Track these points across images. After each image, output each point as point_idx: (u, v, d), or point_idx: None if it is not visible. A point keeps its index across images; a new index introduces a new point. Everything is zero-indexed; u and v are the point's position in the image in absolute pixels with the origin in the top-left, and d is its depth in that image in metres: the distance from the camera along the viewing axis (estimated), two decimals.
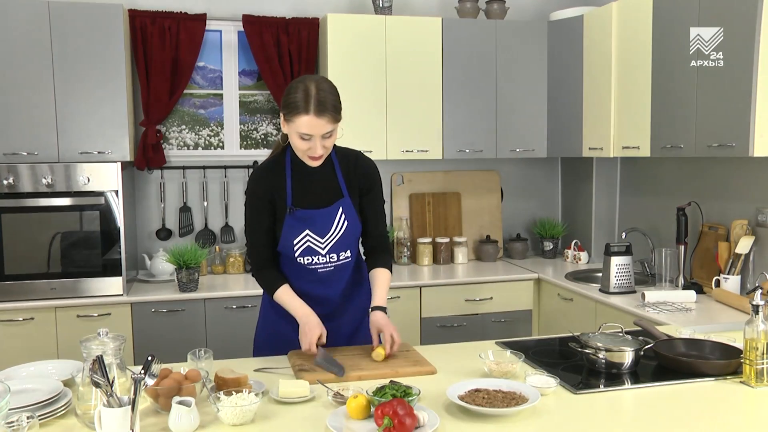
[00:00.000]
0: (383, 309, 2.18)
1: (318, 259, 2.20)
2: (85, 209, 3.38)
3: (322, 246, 2.19)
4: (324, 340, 2.12)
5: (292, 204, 2.17)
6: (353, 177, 2.23)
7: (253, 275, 2.29)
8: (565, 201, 4.58)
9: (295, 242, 2.17)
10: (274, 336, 2.30)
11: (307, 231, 2.17)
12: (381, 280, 2.25)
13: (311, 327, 2.10)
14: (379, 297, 2.21)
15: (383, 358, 2.08)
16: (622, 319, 2.90)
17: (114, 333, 1.76)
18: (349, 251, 2.24)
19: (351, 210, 2.21)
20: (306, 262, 2.20)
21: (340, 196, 2.21)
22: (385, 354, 2.09)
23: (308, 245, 2.18)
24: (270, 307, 2.33)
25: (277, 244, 2.21)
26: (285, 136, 2.17)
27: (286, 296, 2.19)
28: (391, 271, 2.31)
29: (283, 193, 2.18)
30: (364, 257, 2.36)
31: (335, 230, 2.19)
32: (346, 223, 2.20)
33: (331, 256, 2.20)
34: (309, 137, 2.03)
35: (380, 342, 2.14)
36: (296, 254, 2.18)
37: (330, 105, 2.01)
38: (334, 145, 2.20)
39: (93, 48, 3.42)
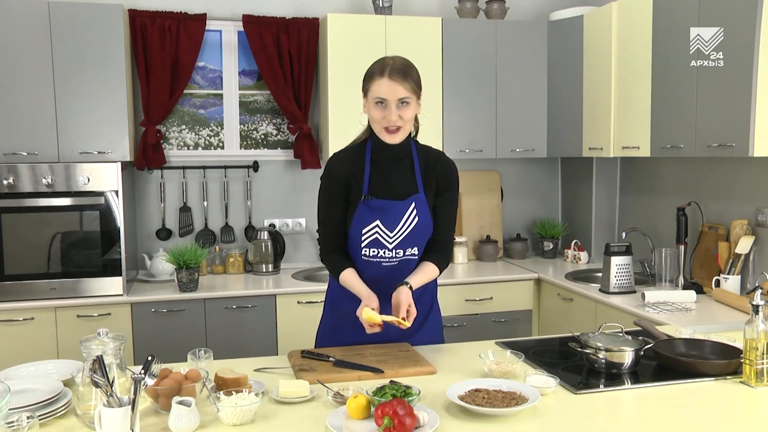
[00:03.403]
0: (409, 286, 2.11)
1: (384, 253, 2.16)
2: (85, 209, 3.38)
3: (391, 240, 2.15)
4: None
5: (368, 192, 2.14)
6: (431, 175, 2.21)
7: (321, 259, 2.26)
8: (565, 201, 4.58)
9: (364, 232, 2.14)
10: (333, 339, 2.29)
11: (377, 222, 2.14)
12: (425, 268, 2.20)
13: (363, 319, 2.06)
14: (413, 277, 2.15)
15: (374, 322, 2.03)
16: (622, 319, 2.90)
17: (114, 333, 1.76)
18: (416, 248, 2.20)
19: (424, 207, 2.18)
20: (371, 254, 2.16)
21: (415, 191, 2.18)
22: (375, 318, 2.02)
23: (376, 237, 2.15)
24: (330, 310, 2.33)
25: (346, 232, 2.18)
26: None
27: (350, 279, 2.17)
28: (441, 272, 2.26)
29: (361, 179, 2.16)
30: None
31: (405, 225, 2.15)
32: (417, 219, 2.16)
33: (397, 251, 2.17)
34: (383, 103, 2.04)
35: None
36: (363, 245, 2.15)
37: (405, 72, 2.05)
38: (418, 142, 2.22)
39: (93, 48, 3.42)
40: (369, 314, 2.03)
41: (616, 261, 3.32)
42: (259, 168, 4.12)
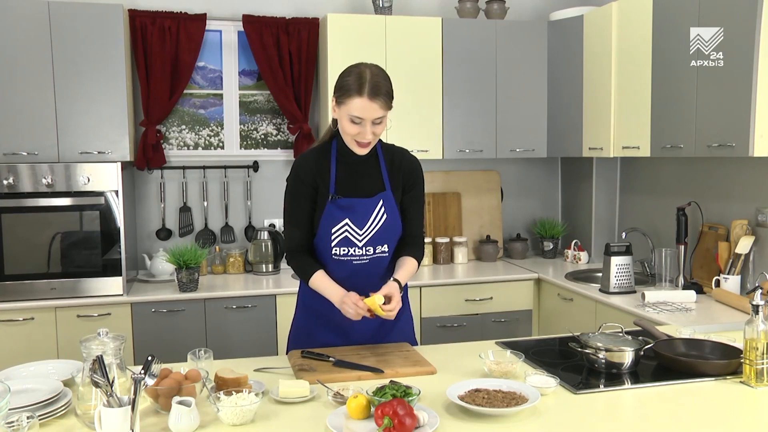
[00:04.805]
0: (398, 282, 2.14)
1: (354, 251, 2.17)
2: (85, 209, 3.38)
3: (360, 238, 2.17)
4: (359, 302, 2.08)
5: (335, 192, 2.16)
6: (396, 172, 2.23)
7: (287, 262, 2.26)
8: (565, 201, 4.58)
9: (333, 231, 2.15)
10: (307, 341, 2.28)
11: (346, 220, 2.15)
12: (406, 263, 2.22)
13: (349, 304, 2.07)
14: (399, 273, 2.18)
15: (372, 308, 2.03)
16: (622, 319, 2.90)
17: (114, 333, 1.76)
18: (386, 246, 2.21)
19: (392, 204, 2.20)
20: (342, 253, 2.17)
21: (382, 188, 2.20)
22: (378, 308, 2.03)
23: (346, 236, 2.16)
24: (303, 311, 2.32)
25: (314, 233, 2.19)
26: (335, 122, 2.16)
27: (321, 282, 2.17)
28: (419, 265, 2.27)
29: (327, 180, 2.17)
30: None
31: (374, 222, 2.17)
32: (385, 216, 2.18)
33: (367, 249, 2.18)
34: (360, 121, 2.04)
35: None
36: (333, 244, 2.16)
37: (384, 90, 2.05)
38: (381, 140, 2.22)
39: (93, 48, 3.42)
40: (374, 302, 2.02)
41: (616, 261, 3.32)
42: (259, 168, 4.12)
